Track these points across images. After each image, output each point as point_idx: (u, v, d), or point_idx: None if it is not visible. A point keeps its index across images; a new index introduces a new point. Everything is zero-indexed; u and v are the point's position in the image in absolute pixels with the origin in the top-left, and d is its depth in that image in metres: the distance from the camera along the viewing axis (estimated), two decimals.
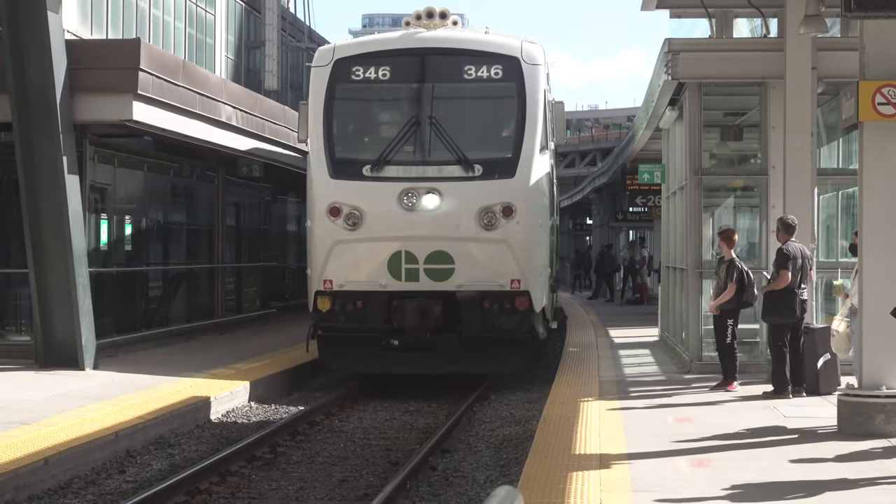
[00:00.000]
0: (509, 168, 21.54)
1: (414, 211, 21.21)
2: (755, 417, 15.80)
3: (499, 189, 21.44)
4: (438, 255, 21.21)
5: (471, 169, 21.39)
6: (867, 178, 14.59)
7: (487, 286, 21.27)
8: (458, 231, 21.36)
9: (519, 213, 21.21)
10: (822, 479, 11.71)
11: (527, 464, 12.83)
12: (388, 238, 21.37)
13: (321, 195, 21.67)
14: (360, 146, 23.02)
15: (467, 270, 21.25)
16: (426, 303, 21.11)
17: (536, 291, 21.56)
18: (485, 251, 21.41)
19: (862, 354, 14.68)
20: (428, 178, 21.44)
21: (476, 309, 21.42)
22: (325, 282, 21.40)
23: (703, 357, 21.68)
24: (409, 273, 21.19)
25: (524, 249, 21.42)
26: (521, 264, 21.31)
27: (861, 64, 14.42)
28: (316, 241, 21.79)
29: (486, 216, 21.14)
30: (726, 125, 24.17)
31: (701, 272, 22.12)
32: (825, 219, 22.82)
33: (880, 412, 14.16)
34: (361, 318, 21.57)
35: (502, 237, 21.21)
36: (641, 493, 11.02)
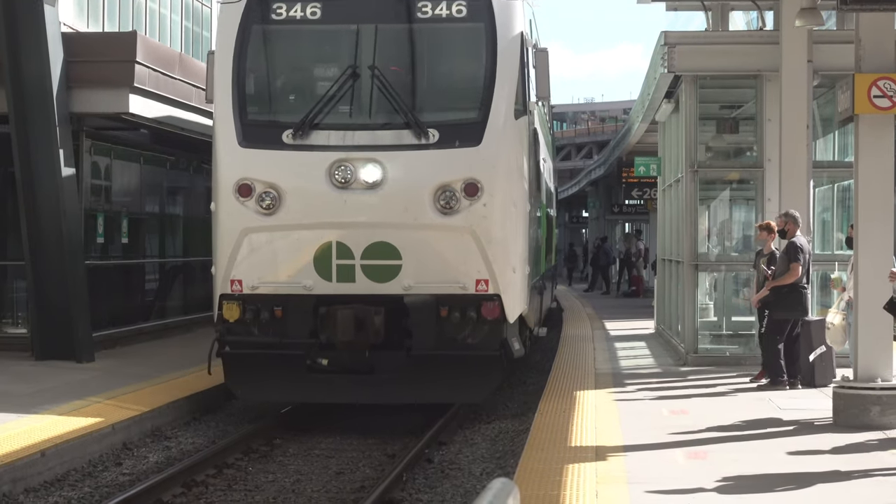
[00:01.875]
0: (474, 134, 16.75)
1: (348, 189, 16.51)
2: (751, 409, 15.81)
3: (460, 161, 16.71)
4: (381, 247, 16.55)
5: (424, 135, 16.61)
6: (863, 171, 14.61)
7: (445, 288, 16.60)
8: (407, 216, 16.56)
9: (487, 193, 16.53)
10: (818, 470, 11.72)
11: (523, 456, 12.83)
12: (314, 225, 16.70)
13: (227, 169, 16.98)
14: (279, 105, 18.18)
15: (418, 268, 16.58)
16: (364, 310, 16.38)
17: (511, 295, 16.81)
18: (442, 242, 16.68)
19: (857, 347, 14.71)
20: (367, 146, 16.73)
21: (430, 318, 16.70)
22: (232, 282, 16.78)
23: (699, 349, 21.72)
24: (343, 271, 16.56)
25: (494, 240, 16.65)
26: (489, 259, 16.56)
27: (857, 57, 14.43)
28: (221, 228, 17.01)
29: (444, 196, 16.50)
30: (722, 118, 24.19)
31: (696, 265, 22.15)
32: (821, 212, 22.83)
33: (875, 404, 14.18)
34: (280, 331, 16.80)
35: (465, 224, 16.51)
36: (637, 485, 11.03)
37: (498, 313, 16.61)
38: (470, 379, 16.80)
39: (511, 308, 16.81)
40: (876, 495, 10.62)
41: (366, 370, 16.91)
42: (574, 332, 29.64)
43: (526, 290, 17.72)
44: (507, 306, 16.68)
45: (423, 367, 16.65)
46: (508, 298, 16.72)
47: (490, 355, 16.81)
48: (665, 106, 25.33)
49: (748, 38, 23.27)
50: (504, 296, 16.62)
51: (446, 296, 16.65)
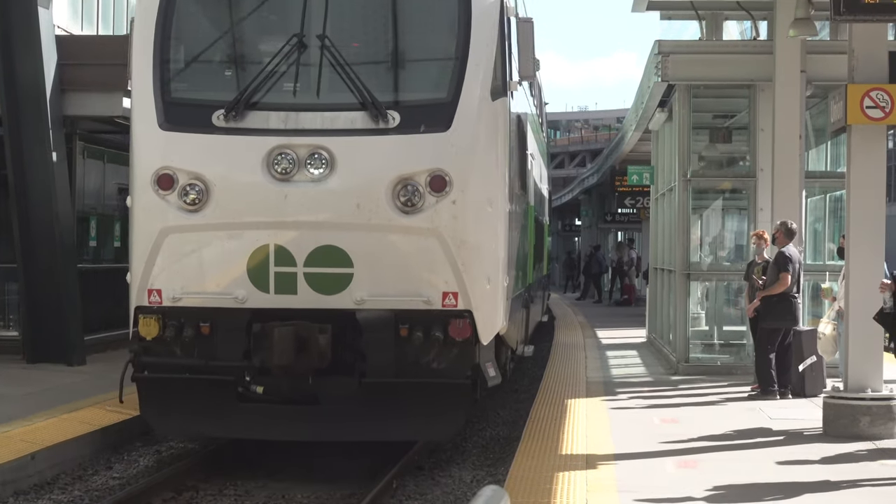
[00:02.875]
0: (443, 117, 13.90)
1: (290, 182, 13.71)
2: (741, 419, 15.83)
3: (425, 149, 13.94)
4: (328, 252, 13.69)
5: (382, 118, 13.75)
6: (855, 182, 14.64)
7: (405, 303, 13.74)
8: (360, 215, 13.67)
9: (457, 188, 13.74)
10: (807, 480, 11.75)
11: (513, 464, 12.84)
12: (248, 225, 13.83)
13: (145, 156, 14.23)
14: (209, 81, 15.03)
15: (374, 278, 13.76)
16: (306, 328, 13.60)
17: (485, 311, 14.02)
18: (402, 247, 13.84)
19: (848, 357, 14.73)
20: (314, 130, 13.89)
21: (386, 338, 13.78)
22: (149, 293, 14.01)
23: (690, 359, 21.76)
24: (282, 281, 13.75)
25: (465, 245, 13.79)
26: (459, 268, 13.72)
27: (850, 67, 14.47)
28: (137, 228, 14.27)
29: (405, 192, 13.69)
30: (715, 127, 24.22)
31: (688, 274, 22.20)
32: (813, 221, 22.88)
33: (865, 415, 14.20)
34: (207, 351, 13.93)
35: (429, 225, 13.71)
36: (627, 493, 11.05)
37: (469, 333, 13.75)
38: (435, 412, 13.95)
39: (485, 327, 14.00)
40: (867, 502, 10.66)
41: (309, 400, 14.11)
42: (566, 340, 29.63)
43: (505, 304, 14.97)
44: (481, 325, 13.86)
45: (379, 398, 13.81)
46: (482, 315, 13.90)
47: (459, 383, 13.92)
48: (658, 115, 25.37)
49: (742, 47, 23.28)
50: (477, 312, 13.79)
51: (407, 311, 13.80)
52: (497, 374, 14.78)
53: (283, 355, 13.56)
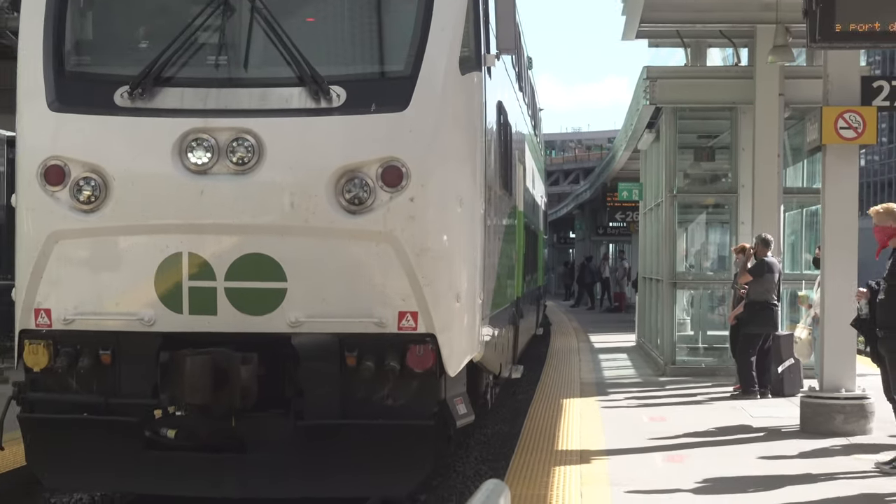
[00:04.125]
0: (399, 94, 10.63)
1: (208, 175, 10.41)
2: (724, 417, 15.80)
3: (377, 133, 10.59)
4: (255, 262, 10.48)
5: (324, 95, 10.46)
6: (829, 197, 14.65)
7: (352, 325, 10.52)
8: (295, 216, 10.48)
9: (415, 181, 10.49)
10: (786, 474, 11.74)
11: (513, 458, 12.81)
12: (155, 228, 10.50)
13: (31, 143, 10.93)
14: (113, 51, 11.44)
15: (312, 294, 10.53)
16: (226, 357, 10.35)
17: (453, 335, 10.78)
18: (347, 256, 10.57)
19: (823, 360, 14.73)
20: (238, 110, 10.56)
21: (329, 370, 10.61)
22: (37, 313, 10.73)
23: (677, 361, 21.77)
24: (198, 298, 10.50)
25: (427, 252, 10.54)
26: (418, 282, 10.50)
27: (825, 91, 14.49)
28: (22, 232, 10.96)
29: (352, 186, 10.45)
30: (699, 147, 24.28)
31: (675, 283, 22.22)
32: (790, 234, 22.89)
33: (840, 413, 14.20)
34: (107, 385, 10.67)
35: (381, 227, 10.47)
36: (618, 486, 11.03)
37: (432, 362, 10.47)
38: (391, 460, 10.59)
39: (453, 354, 10.64)
40: (839, 496, 10.64)
41: (232, 447, 10.69)
42: (561, 344, 29.62)
43: (480, 325, 11.47)
44: (447, 351, 10.53)
45: (321, 443, 10.50)
46: (449, 340, 10.58)
47: (420, 425, 10.59)
48: (647, 135, 25.38)
49: (724, 72, 23.35)
50: (442, 336, 10.47)
51: (354, 336, 10.45)
52: (469, 410, 11.34)
53: (197, 391, 10.21)
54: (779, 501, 10.45)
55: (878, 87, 14.98)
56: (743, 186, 20.99)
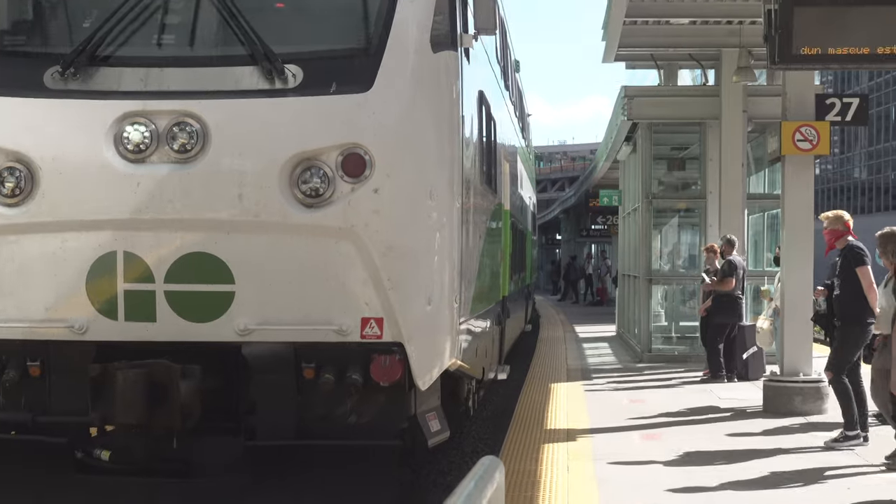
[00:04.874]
0: (362, 73, 8.67)
1: (146, 164, 8.49)
2: (695, 399, 15.81)
3: (337, 117, 8.63)
4: (199, 263, 8.56)
5: (278, 74, 8.54)
6: (788, 202, 14.65)
7: (309, 333, 8.60)
8: (244, 209, 8.51)
9: (380, 170, 8.55)
10: (750, 448, 11.75)
11: (507, 437, 12.79)
12: (87, 225, 8.55)
13: None
14: (45, 30, 9.38)
15: (264, 298, 8.58)
16: (165, 370, 8.38)
17: (423, 342, 8.82)
18: (303, 255, 8.61)
19: (783, 347, 14.74)
20: (180, 92, 8.59)
21: (284, 383, 8.69)
22: None
23: (653, 349, 21.77)
24: (135, 303, 8.53)
25: (393, 250, 8.60)
26: (383, 283, 8.57)
27: (783, 107, 14.49)
28: None
29: (308, 176, 8.53)
30: (672, 157, 24.30)
31: (651, 279, 22.24)
32: (753, 235, 22.88)
33: (798, 394, 14.21)
34: (35, 401, 8.72)
35: (342, 222, 8.52)
36: (601, 460, 11.04)
37: (399, 375, 8.44)
38: (353, 484, 8.60)
39: (424, 364, 8.63)
40: (796, 468, 10.65)
41: (175, 471, 8.63)
42: (549, 334, 29.62)
43: (457, 330, 9.39)
44: (417, 362, 8.51)
45: (274, 466, 8.55)
46: (419, 348, 8.55)
47: (386, 446, 8.61)
48: (625, 147, 25.40)
49: (693, 91, 23.35)
50: (411, 345, 8.44)
51: (312, 345, 8.46)
52: (443, 426, 9.27)
53: (130, 410, 8.15)
54: (743, 472, 10.45)
55: (830, 103, 14.99)
56: (711, 193, 20.99)
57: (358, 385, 8.41)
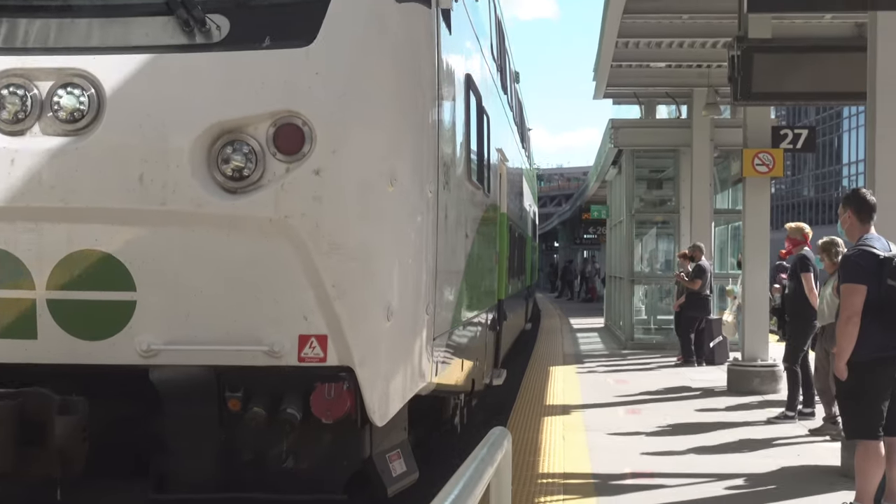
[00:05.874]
0: (303, 23, 5.39)
1: (24, 136, 5.34)
2: (670, 380, 15.78)
3: (269, 78, 5.35)
4: (89, 264, 5.32)
5: (198, 25, 5.34)
6: (748, 216, 14.65)
7: (231, 355, 5.40)
8: (147, 195, 5.28)
9: (323, 146, 5.31)
10: (716, 421, 11.73)
11: (513, 411, 12.79)
12: None
13: None
14: None
15: (174, 309, 5.40)
16: (39, 403, 5.25)
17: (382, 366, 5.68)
18: (225, 254, 5.38)
19: (744, 337, 14.73)
20: (69, 47, 5.39)
21: (202, 418, 5.58)
22: None
23: (635, 338, 21.75)
24: (10, 314, 5.39)
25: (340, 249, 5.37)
26: (327, 291, 5.35)
27: (744, 137, 14.49)
28: None
29: (230, 153, 5.36)
30: (651, 178, 24.28)
31: (633, 280, 22.24)
32: (719, 243, 22.85)
33: (756, 377, 14.20)
34: None
35: (273, 212, 5.33)
36: (592, 431, 11.05)
37: (348, 408, 5.58)
38: None
39: (382, 394, 5.78)
40: (754, 437, 10.64)
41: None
42: (548, 325, 29.57)
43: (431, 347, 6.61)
44: (373, 391, 5.67)
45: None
46: (376, 374, 5.72)
47: (329, 501, 5.91)
48: (612, 170, 25.39)
49: (669, 123, 23.37)
50: (364, 369, 5.61)
51: (237, 370, 5.59)
52: (409, 467, 6.43)
53: None
54: (709, 441, 10.45)
55: (783, 133, 15.00)
56: (683, 208, 20.97)
57: (295, 421, 5.47)
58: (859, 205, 7.25)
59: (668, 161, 22.89)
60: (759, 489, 8.30)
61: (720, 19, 16.34)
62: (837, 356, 7.04)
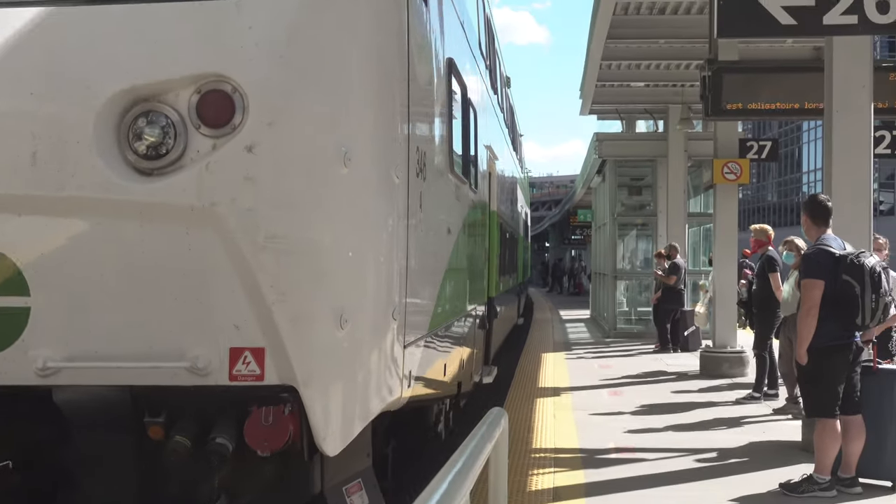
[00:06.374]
0: None
1: None
2: (649, 365, 15.76)
3: (192, 33, 3.74)
4: None
5: None
6: (718, 219, 14.64)
7: (148, 374, 3.72)
8: (43, 179, 3.63)
9: (258, 116, 3.69)
10: (690, 401, 11.71)
11: (509, 392, 12.79)
12: None
13: None
14: None
15: (76, 318, 3.73)
16: None
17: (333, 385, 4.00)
18: (137, 250, 3.70)
19: (715, 327, 14.72)
20: None
21: (116, 448, 3.93)
22: None
23: (617, 328, 21.73)
24: None
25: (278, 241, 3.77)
26: (264, 295, 3.73)
27: (714, 148, 14.49)
28: None
29: (145, 125, 3.71)
30: (632, 185, 24.23)
31: (616, 276, 22.24)
32: (692, 243, 22.83)
33: (726, 362, 14.19)
34: None
35: (195, 198, 3.69)
36: (579, 410, 11.03)
37: (290, 435, 3.91)
38: None
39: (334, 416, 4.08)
40: (724, 416, 10.63)
41: None
42: (540, 317, 29.56)
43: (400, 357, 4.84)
44: (323, 414, 3.98)
45: None
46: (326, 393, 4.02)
47: None
48: (596, 178, 25.39)
49: (648, 136, 23.34)
50: (310, 389, 3.91)
51: (156, 391, 3.89)
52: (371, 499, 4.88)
53: None
54: (683, 419, 10.43)
55: (749, 145, 15.00)
56: (660, 212, 20.98)
57: (226, 452, 4.01)
58: (815, 209, 7.26)
59: (646, 170, 22.87)
60: (728, 462, 8.29)
61: (693, 44, 16.33)
62: (799, 344, 7.03)
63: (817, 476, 7.02)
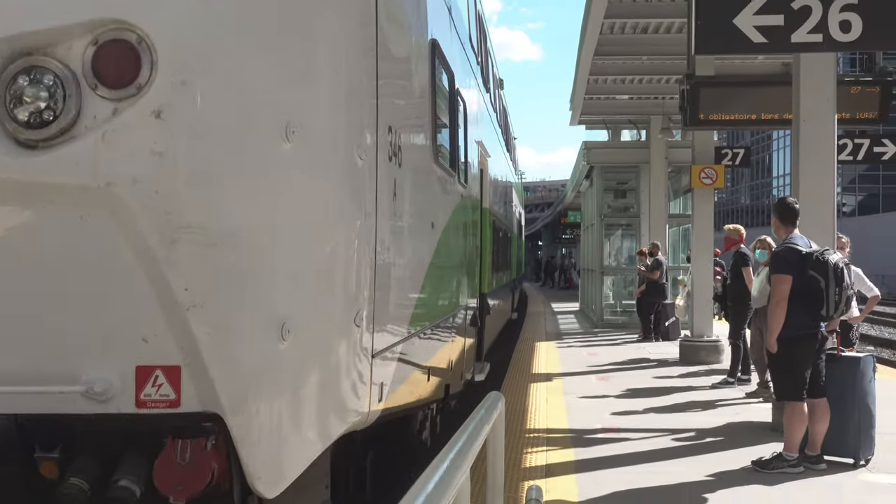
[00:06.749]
0: None
1: None
2: (633, 353, 15.75)
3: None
4: None
5: None
6: (696, 220, 14.64)
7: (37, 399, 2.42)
8: None
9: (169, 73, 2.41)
10: (671, 386, 11.72)
11: (505, 378, 12.79)
12: None
13: None
14: None
15: None
16: None
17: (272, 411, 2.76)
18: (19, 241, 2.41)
19: (693, 318, 14.72)
20: None
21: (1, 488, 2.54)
22: None
23: (604, 319, 21.73)
24: None
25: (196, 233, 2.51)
26: (177, 300, 2.51)
27: (692, 155, 14.50)
28: None
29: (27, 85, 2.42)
30: (617, 189, 24.25)
31: (602, 271, 22.24)
32: (672, 242, 22.83)
33: (703, 350, 14.20)
34: None
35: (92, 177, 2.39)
36: (570, 394, 11.03)
37: (213, 475, 2.78)
38: None
39: (274, 449, 2.92)
40: (701, 399, 10.64)
41: None
42: (533, 309, 29.55)
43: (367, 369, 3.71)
44: (255, 448, 2.80)
45: None
46: (260, 421, 2.81)
47: None
48: (585, 182, 25.39)
49: (632, 144, 23.31)
50: (239, 416, 2.75)
51: (47, 420, 2.66)
52: None
53: None
54: (664, 402, 10.43)
55: (724, 152, 15.00)
56: (643, 214, 21.00)
57: (130, 498, 3.02)
58: (784, 211, 7.30)
59: (630, 175, 22.88)
60: (705, 441, 8.31)
61: (673, 60, 16.34)
62: (769, 333, 7.05)
63: (786, 454, 7.05)
